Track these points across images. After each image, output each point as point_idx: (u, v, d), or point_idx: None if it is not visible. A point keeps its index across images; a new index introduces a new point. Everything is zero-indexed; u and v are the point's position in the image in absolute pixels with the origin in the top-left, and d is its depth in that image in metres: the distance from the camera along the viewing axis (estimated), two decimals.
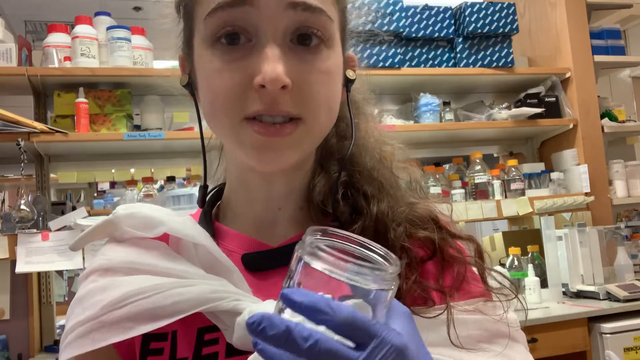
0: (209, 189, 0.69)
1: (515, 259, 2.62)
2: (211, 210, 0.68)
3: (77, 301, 0.57)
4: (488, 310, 0.59)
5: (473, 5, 2.71)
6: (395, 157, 0.68)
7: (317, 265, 0.42)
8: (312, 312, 0.40)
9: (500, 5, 2.76)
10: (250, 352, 0.52)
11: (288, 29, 0.54)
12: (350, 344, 0.40)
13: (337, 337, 0.40)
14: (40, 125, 2.09)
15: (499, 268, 2.46)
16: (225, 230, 0.65)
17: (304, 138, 0.56)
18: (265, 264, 0.60)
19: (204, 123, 0.63)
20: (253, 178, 0.62)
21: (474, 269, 0.62)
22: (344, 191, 0.63)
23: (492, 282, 0.62)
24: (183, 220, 0.61)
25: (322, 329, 0.40)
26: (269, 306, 0.53)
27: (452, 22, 2.72)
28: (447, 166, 2.94)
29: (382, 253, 0.44)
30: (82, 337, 0.53)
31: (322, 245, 0.42)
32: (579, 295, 2.54)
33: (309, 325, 0.40)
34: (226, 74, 0.54)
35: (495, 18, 2.74)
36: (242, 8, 0.53)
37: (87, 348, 0.52)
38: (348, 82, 0.64)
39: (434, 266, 0.62)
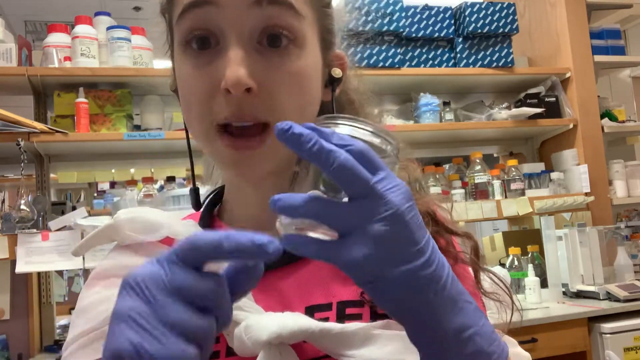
0: (209, 191, 0.69)
1: (515, 259, 2.62)
2: (212, 210, 0.68)
3: (80, 311, 0.57)
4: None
5: (473, 5, 2.71)
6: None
7: (340, 129, 0.43)
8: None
9: (500, 5, 2.76)
10: (250, 359, 0.51)
11: (254, 29, 0.53)
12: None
13: None
14: (40, 125, 2.09)
15: (498, 268, 2.46)
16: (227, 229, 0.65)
17: (275, 144, 0.54)
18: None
19: None
20: (243, 183, 0.62)
21: (470, 270, 0.60)
22: None
23: (486, 285, 0.60)
24: (185, 223, 0.61)
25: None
26: (267, 319, 0.51)
27: (452, 22, 2.72)
28: (447, 166, 2.94)
29: (385, 130, 0.46)
30: (84, 347, 0.53)
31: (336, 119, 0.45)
32: (579, 295, 2.53)
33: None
34: (196, 80, 0.54)
35: (495, 18, 2.73)
36: (206, 8, 0.53)
37: (89, 357, 0.52)
38: (334, 82, 0.63)
39: None
